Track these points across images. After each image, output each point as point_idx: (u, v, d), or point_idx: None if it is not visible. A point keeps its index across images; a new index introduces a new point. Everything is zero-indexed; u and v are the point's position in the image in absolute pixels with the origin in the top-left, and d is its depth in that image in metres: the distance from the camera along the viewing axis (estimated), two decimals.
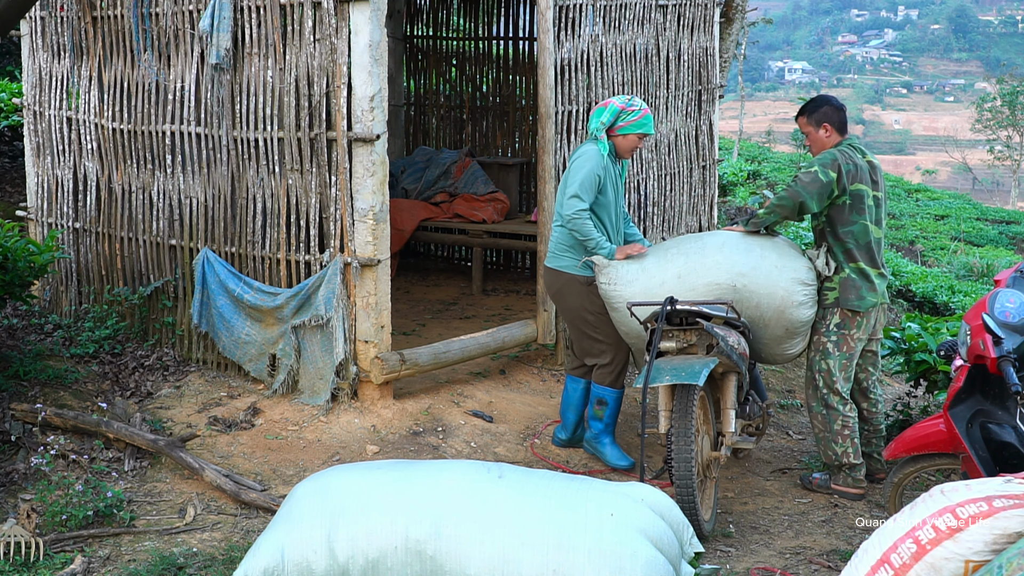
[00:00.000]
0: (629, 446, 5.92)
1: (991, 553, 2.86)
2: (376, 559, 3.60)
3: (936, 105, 79.83)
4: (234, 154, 6.12)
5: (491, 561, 3.54)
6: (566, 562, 3.51)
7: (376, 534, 3.63)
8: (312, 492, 3.86)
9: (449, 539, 3.58)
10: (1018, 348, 3.99)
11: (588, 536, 3.57)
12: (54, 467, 5.08)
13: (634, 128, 5.34)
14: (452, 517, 3.62)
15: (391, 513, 3.67)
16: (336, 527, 3.68)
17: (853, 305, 5.09)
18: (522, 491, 3.73)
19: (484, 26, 10.02)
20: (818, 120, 5.23)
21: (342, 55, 5.64)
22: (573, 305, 5.46)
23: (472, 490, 3.71)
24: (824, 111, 5.22)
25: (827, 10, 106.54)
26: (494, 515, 3.62)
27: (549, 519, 3.62)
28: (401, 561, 3.59)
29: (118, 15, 6.52)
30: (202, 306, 6.25)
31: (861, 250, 5.13)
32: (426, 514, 3.64)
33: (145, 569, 4.25)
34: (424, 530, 3.61)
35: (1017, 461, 3.89)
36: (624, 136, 5.36)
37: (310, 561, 3.66)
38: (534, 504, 3.67)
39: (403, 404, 5.95)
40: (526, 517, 3.62)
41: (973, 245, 18.62)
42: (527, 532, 3.57)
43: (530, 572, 3.52)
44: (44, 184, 7.16)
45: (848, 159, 5.08)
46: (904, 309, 10.20)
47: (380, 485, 3.80)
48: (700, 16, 8.29)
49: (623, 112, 5.31)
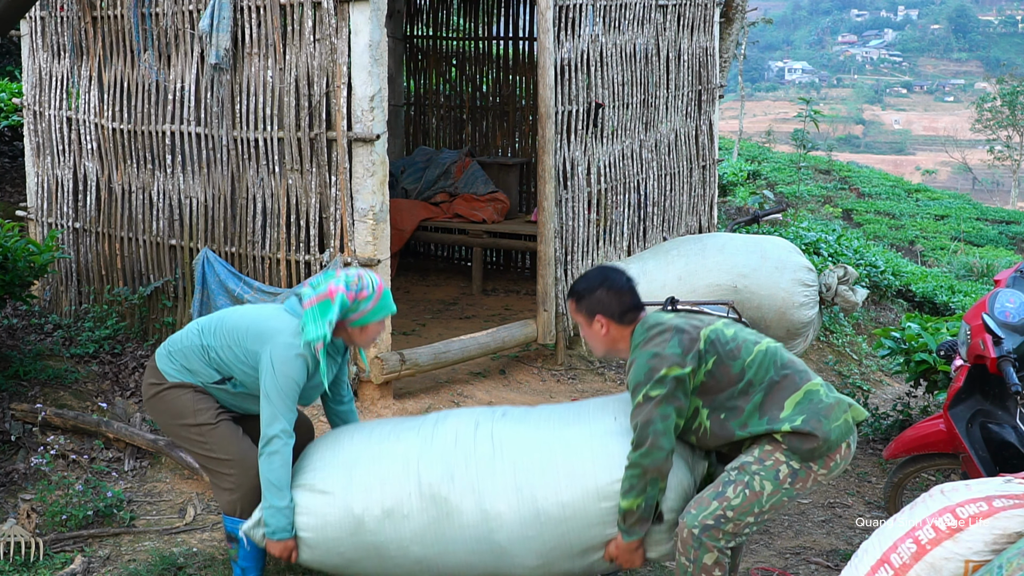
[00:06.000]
0: None
1: (991, 553, 2.86)
2: (391, 507, 3.58)
3: (936, 105, 79.83)
4: (234, 154, 6.12)
5: (505, 491, 3.53)
6: (577, 474, 3.50)
7: (390, 483, 3.61)
8: (322, 447, 3.82)
9: (462, 479, 3.57)
10: (1018, 348, 3.99)
11: (594, 444, 3.56)
12: (54, 467, 5.08)
13: (375, 315, 3.81)
14: (462, 457, 3.61)
15: (402, 461, 3.64)
16: (350, 479, 3.65)
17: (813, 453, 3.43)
18: (525, 422, 3.72)
19: (484, 26, 10.02)
20: (592, 312, 3.64)
21: (342, 55, 5.64)
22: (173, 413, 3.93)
23: (478, 430, 3.69)
24: (597, 301, 3.62)
25: (827, 10, 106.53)
26: (502, 448, 3.61)
27: (554, 438, 3.61)
28: (417, 507, 3.57)
29: (118, 15, 6.52)
30: (202, 306, 6.24)
31: (779, 382, 3.49)
32: (437, 458, 3.62)
33: (145, 569, 4.25)
34: (437, 473, 3.58)
35: (1017, 461, 3.89)
36: (363, 328, 3.82)
37: (325, 513, 3.63)
38: (539, 430, 3.67)
39: (403, 404, 5.95)
40: (532, 443, 3.61)
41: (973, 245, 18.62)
42: (535, 455, 3.57)
43: (543, 492, 3.51)
44: (44, 184, 7.15)
45: (660, 335, 3.47)
46: (904, 309, 10.20)
47: (389, 437, 3.78)
48: (700, 16, 8.29)
49: (356, 301, 3.77)
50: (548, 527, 3.51)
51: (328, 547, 3.65)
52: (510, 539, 3.53)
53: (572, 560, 3.58)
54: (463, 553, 3.58)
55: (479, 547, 3.56)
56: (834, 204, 21.35)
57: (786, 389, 3.47)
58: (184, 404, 3.83)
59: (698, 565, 3.41)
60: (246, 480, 3.82)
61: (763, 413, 3.45)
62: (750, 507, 3.41)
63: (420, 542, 3.58)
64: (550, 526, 3.50)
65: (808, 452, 3.40)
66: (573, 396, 6.57)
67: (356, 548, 3.63)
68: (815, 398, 3.46)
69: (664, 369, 3.38)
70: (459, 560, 3.60)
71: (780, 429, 3.41)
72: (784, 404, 3.44)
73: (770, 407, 3.45)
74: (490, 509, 3.53)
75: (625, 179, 7.49)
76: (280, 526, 3.63)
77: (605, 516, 3.48)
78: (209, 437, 3.83)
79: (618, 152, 7.35)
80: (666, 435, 3.35)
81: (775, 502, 3.44)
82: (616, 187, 7.39)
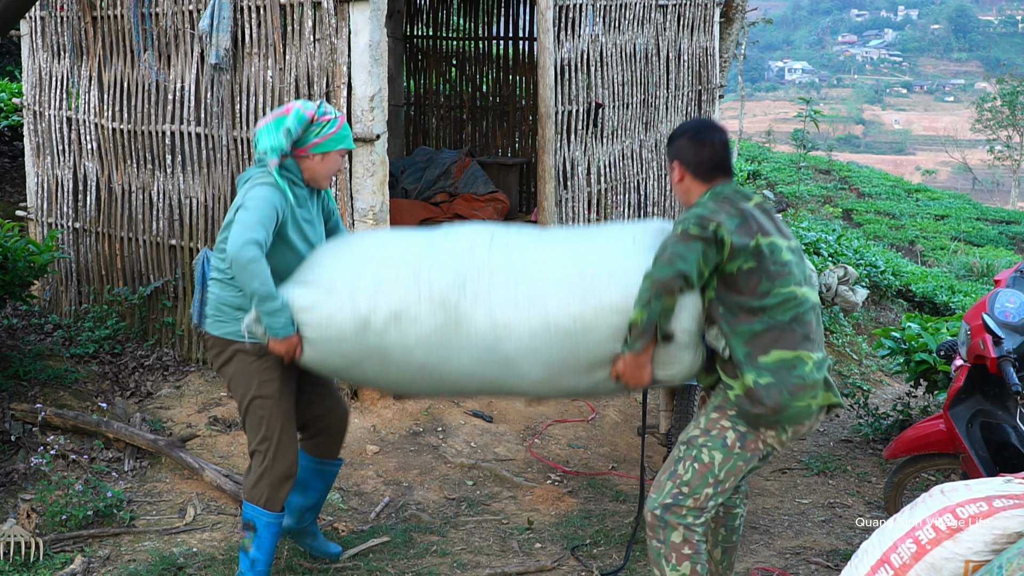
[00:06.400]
0: (631, 445, 5.92)
1: (991, 553, 2.86)
2: (399, 310, 3.50)
3: (936, 105, 79.85)
4: (234, 154, 6.12)
5: (516, 301, 3.46)
6: (590, 287, 3.45)
7: (398, 285, 3.53)
8: (330, 249, 3.75)
9: (472, 287, 3.49)
10: (1018, 348, 3.99)
11: (610, 260, 3.50)
12: (54, 467, 5.08)
13: (336, 142, 3.81)
14: (475, 266, 3.54)
15: (413, 265, 3.56)
16: (358, 278, 3.57)
17: (768, 421, 3.35)
18: (541, 238, 3.67)
19: (484, 26, 10.02)
20: (672, 156, 3.59)
21: (342, 55, 5.64)
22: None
23: (493, 241, 3.63)
24: (677, 146, 3.56)
25: (827, 10, 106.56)
26: (516, 259, 3.55)
27: (569, 254, 3.56)
28: (425, 311, 3.48)
29: (118, 15, 6.52)
30: (202, 306, 6.23)
31: (785, 330, 3.37)
32: (448, 265, 3.54)
33: (145, 569, 4.25)
34: (447, 280, 3.50)
35: (1017, 461, 3.89)
36: (325, 156, 3.80)
37: (331, 311, 3.55)
38: (554, 246, 3.62)
39: (403, 404, 5.95)
40: (546, 256, 3.56)
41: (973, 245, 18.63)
42: (550, 268, 3.51)
43: (555, 304, 3.45)
44: (44, 184, 7.15)
45: (731, 207, 3.40)
46: (904, 309, 10.20)
47: (399, 242, 3.73)
48: (700, 16, 8.29)
49: (315, 123, 3.78)
50: (557, 339, 3.44)
51: (331, 346, 3.57)
52: (517, 349, 3.46)
53: (578, 376, 3.51)
54: (468, 361, 3.51)
55: (485, 356, 3.49)
56: (834, 204, 21.37)
57: (785, 341, 3.34)
58: (250, 374, 3.79)
59: (667, 545, 3.39)
60: (278, 467, 3.80)
61: (750, 344, 3.34)
62: (704, 479, 3.38)
63: (425, 347, 3.50)
64: (559, 338, 3.43)
65: (754, 417, 3.33)
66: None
67: (359, 349, 3.54)
68: (799, 370, 3.34)
69: (713, 223, 3.29)
70: (463, 368, 3.53)
71: (744, 377, 3.32)
72: (771, 352, 3.33)
73: (759, 345, 3.33)
74: (500, 318, 3.45)
75: (625, 179, 7.49)
76: (280, 324, 3.53)
77: (616, 331, 3.41)
78: (268, 411, 3.79)
79: (618, 152, 7.35)
80: (684, 261, 3.24)
81: (729, 468, 3.39)
82: (616, 187, 7.39)
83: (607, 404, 6.57)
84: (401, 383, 3.68)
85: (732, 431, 3.39)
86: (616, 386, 3.53)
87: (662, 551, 3.40)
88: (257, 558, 3.86)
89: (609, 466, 5.71)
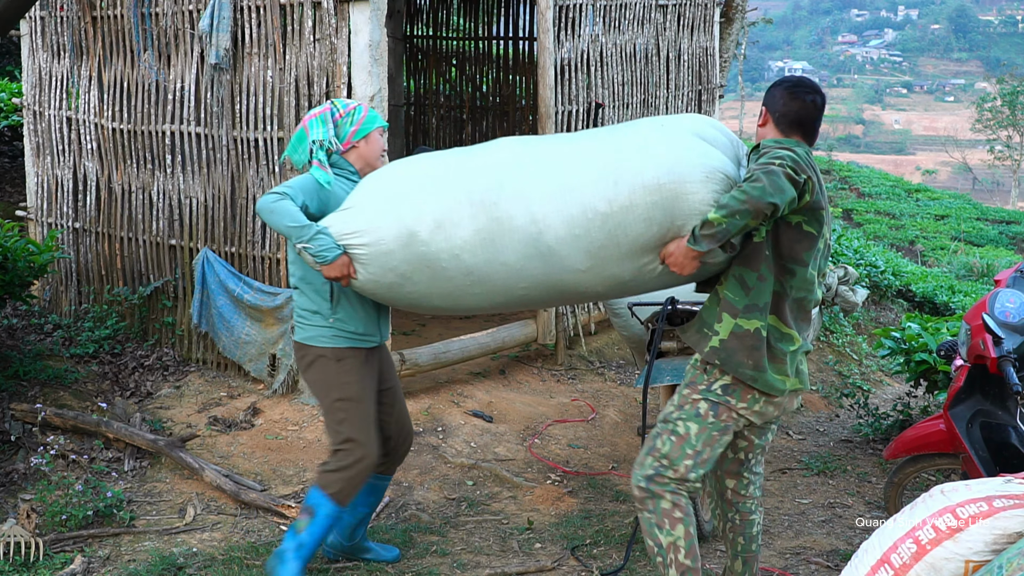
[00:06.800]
0: (631, 445, 5.91)
1: (991, 553, 2.86)
2: (442, 218, 3.61)
3: (936, 105, 79.86)
4: (234, 154, 6.12)
5: (552, 193, 3.55)
6: (624, 171, 3.51)
7: (439, 194, 3.65)
8: (371, 178, 3.87)
9: (511, 186, 3.60)
10: (1018, 348, 3.99)
11: (641, 143, 3.58)
12: (54, 467, 5.08)
13: (370, 123, 4.05)
14: (510, 167, 3.65)
15: (453, 176, 3.70)
16: (401, 196, 3.69)
17: (744, 375, 3.45)
18: (574, 137, 3.78)
19: (484, 26, 10.02)
20: (764, 102, 3.66)
21: (342, 55, 5.64)
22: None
23: (524, 145, 3.76)
24: (771, 93, 3.62)
25: (827, 10, 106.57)
26: (549, 157, 3.66)
27: (602, 146, 3.65)
28: (467, 215, 3.60)
29: (118, 15, 6.52)
30: (202, 306, 6.25)
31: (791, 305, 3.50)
32: (485, 170, 3.67)
33: (145, 569, 4.25)
34: (485, 182, 3.63)
35: (1017, 461, 3.89)
36: (367, 138, 4.04)
37: (378, 228, 3.66)
38: (587, 140, 3.72)
39: None
40: (580, 151, 3.65)
41: (973, 245, 18.63)
42: (583, 160, 3.60)
43: (590, 190, 3.53)
44: (44, 184, 7.15)
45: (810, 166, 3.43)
46: (904, 309, 10.20)
47: (435, 160, 3.84)
48: (700, 16, 8.29)
49: (343, 118, 4.02)
50: (595, 223, 3.51)
51: (382, 262, 3.67)
52: (558, 239, 3.55)
53: (621, 262, 3.58)
54: (514, 258, 3.61)
55: (528, 251, 3.59)
56: (834, 204, 21.37)
57: (787, 313, 3.45)
58: (330, 377, 3.93)
59: (658, 513, 3.45)
60: (356, 467, 3.90)
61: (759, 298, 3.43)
62: (681, 450, 3.46)
63: (471, 250, 3.61)
64: (597, 222, 3.51)
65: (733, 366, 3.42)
66: (573, 396, 6.57)
67: (409, 261, 3.66)
68: (784, 344, 3.45)
69: (804, 175, 3.31)
70: (510, 267, 3.63)
71: (738, 319, 3.42)
72: (770, 317, 3.43)
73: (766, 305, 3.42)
74: (537, 211, 3.55)
75: None
76: (324, 248, 3.65)
77: (651, 211, 3.46)
78: (349, 412, 3.92)
79: None
80: (781, 194, 3.22)
81: (705, 439, 3.47)
82: None
83: (607, 404, 6.57)
84: (454, 295, 3.74)
85: (704, 402, 3.48)
86: (662, 272, 3.59)
87: (653, 520, 3.47)
88: (305, 542, 3.92)
89: (609, 466, 5.71)
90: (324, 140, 3.96)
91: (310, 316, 3.95)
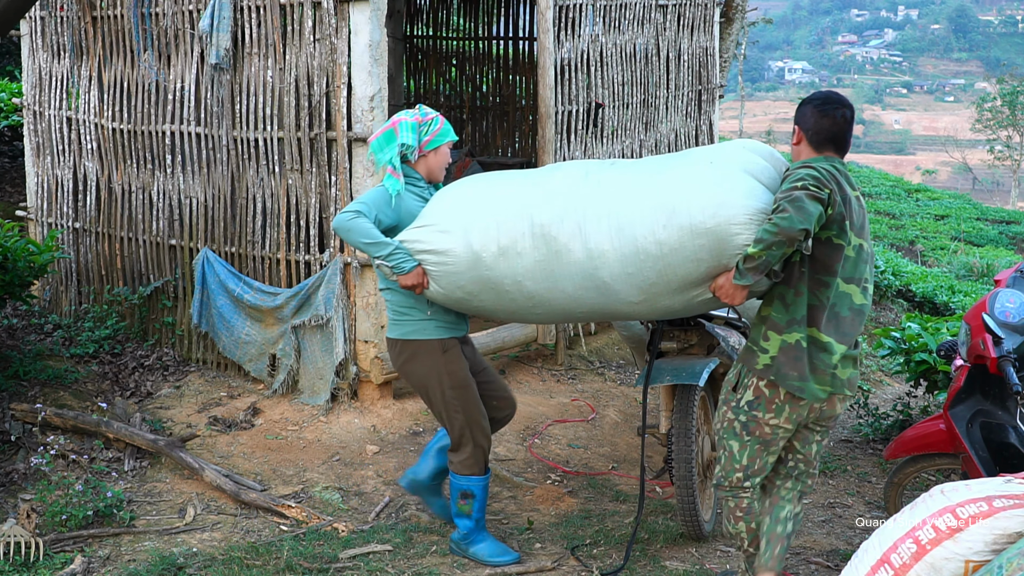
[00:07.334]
0: (631, 445, 5.91)
1: (991, 553, 2.86)
2: (507, 245, 3.92)
3: (936, 105, 79.85)
4: (234, 154, 6.12)
5: (608, 231, 3.82)
6: (674, 214, 3.73)
7: (505, 223, 3.94)
8: (444, 196, 4.16)
9: (571, 221, 3.87)
10: (1018, 348, 3.99)
11: (689, 187, 3.77)
12: (54, 467, 5.08)
13: (442, 137, 4.29)
14: (571, 201, 3.91)
15: (518, 204, 3.97)
16: (470, 220, 3.98)
17: (792, 386, 3.66)
18: (628, 170, 4.03)
19: (484, 26, 10.02)
20: (795, 120, 3.84)
21: (342, 55, 5.64)
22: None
23: (588, 178, 4.00)
24: (801, 112, 3.79)
25: (827, 10, 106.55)
26: (607, 192, 3.90)
27: (653, 182, 3.88)
28: (529, 246, 3.90)
29: (118, 15, 6.52)
30: (202, 306, 6.25)
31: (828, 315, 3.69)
32: (548, 202, 3.93)
33: (145, 569, 4.25)
34: (547, 215, 3.90)
35: (1017, 461, 3.88)
36: (437, 150, 4.29)
37: (447, 249, 3.97)
38: (640, 175, 3.96)
39: (403, 404, 5.95)
40: (633, 187, 3.90)
41: (973, 245, 18.61)
42: (636, 198, 3.85)
43: (642, 231, 3.78)
44: (44, 184, 7.15)
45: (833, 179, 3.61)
46: (904, 309, 10.20)
47: (505, 184, 4.14)
48: (700, 16, 8.29)
49: (422, 125, 4.25)
50: (647, 264, 3.79)
51: (450, 280, 4.00)
52: (612, 276, 3.84)
53: (672, 296, 3.86)
54: (572, 289, 3.91)
55: (585, 283, 3.89)
56: None
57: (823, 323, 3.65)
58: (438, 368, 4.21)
59: (726, 510, 3.91)
60: (480, 444, 4.29)
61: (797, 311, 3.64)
62: (732, 464, 3.84)
63: (532, 278, 3.93)
64: (648, 263, 3.78)
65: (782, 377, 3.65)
66: (573, 397, 6.57)
67: (475, 282, 3.98)
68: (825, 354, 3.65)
69: (827, 189, 3.50)
70: (568, 295, 3.94)
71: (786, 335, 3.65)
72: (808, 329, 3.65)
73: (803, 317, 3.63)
74: (594, 248, 3.83)
75: None
76: (401, 260, 4.00)
77: (699, 253, 3.71)
78: (462, 400, 4.23)
79: (618, 152, 7.35)
80: (809, 218, 3.42)
81: (749, 453, 3.80)
82: None
83: (607, 404, 6.57)
84: (519, 312, 4.11)
85: (736, 421, 3.79)
86: (712, 301, 3.88)
87: (725, 512, 3.93)
88: (479, 517, 4.39)
89: (609, 466, 5.71)
90: (410, 146, 4.20)
91: (407, 311, 4.20)
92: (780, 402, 3.68)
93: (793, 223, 3.39)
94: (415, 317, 4.19)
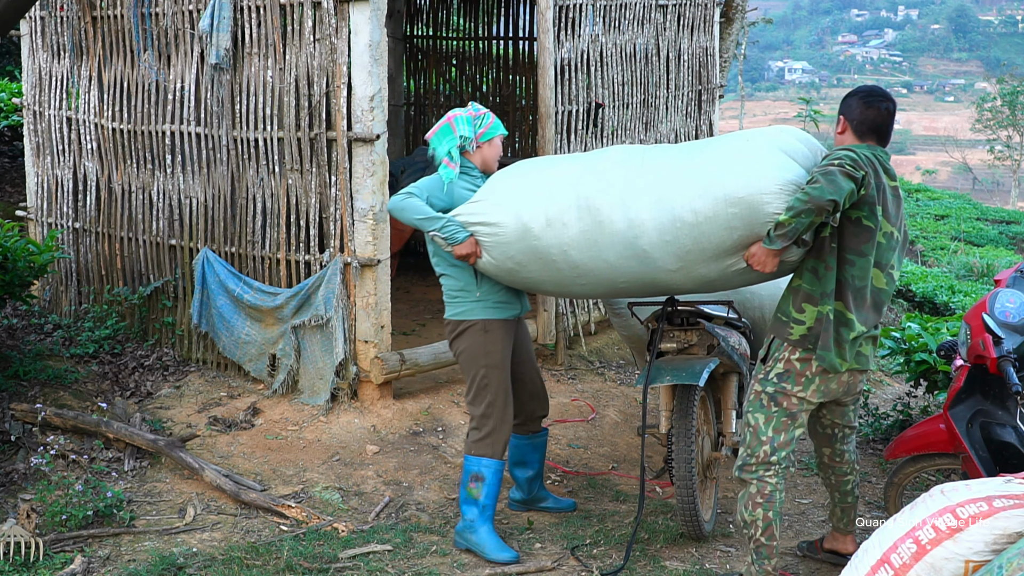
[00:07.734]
0: (631, 445, 5.91)
1: (991, 553, 2.86)
2: (553, 217, 4.18)
3: (936, 105, 79.83)
4: (234, 154, 6.12)
5: (648, 202, 4.05)
6: (709, 185, 3.95)
7: (553, 197, 4.21)
8: (500, 174, 4.49)
9: (614, 193, 4.12)
10: (1018, 348, 3.99)
11: (727, 161, 4.00)
12: (54, 467, 5.08)
13: (494, 130, 4.61)
14: (615, 175, 4.17)
15: (565, 180, 4.26)
16: (520, 194, 4.28)
17: (820, 356, 3.91)
18: (671, 150, 4.30)
19: (484, 26, 10.02)
20: (840, 111, 4.07)
21: (342, 55, 5.64)
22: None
23: (631, 156, 4.27)
24: (847, 103, 4.02)
25: (827, 10, 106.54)
26: (649, 167, 4.16)
27: (692, 157, 4.13)
28: (575, 217, 4.15)
29: (118, 15, 6.52)
30: (202, 306, 6.25)
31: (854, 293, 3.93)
32: (594, 177, 4.21)
33: (145, 569, 4.25)
34: (592, 188, 4.17)
35: (1017, 461, 3.88)
36: (490, 142, 4.60)
37: (499, 220, 4.26)
38: (681, 153, 4.21)
39: (403, 404, 5.95)
40: (674, 161, 4.15)
41: (973, 245, 18.60)
42: (675, 171, 4.09)
43: (680, 204, 3.99)
44: (44, 184, 7.16)
45: (871, 164, 3.86)
46: (904, 309, 10.20)
47: (556, 163, 4.45)
48: (700, 16, 8.29)
49: (476, 119, 4.57)
50: (683, 231, 4.01)
51: (501, 251, 4.29)
52: (651, 244, 4.07)
53: (707, 264, 4.07)
54: (614, 258, 4.16)
55: (626, 252, 4.13)
56: None
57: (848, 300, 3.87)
58: (479, 345, 4.49)
59: (744, 497, 3.99)
60: (502, 427, 4.49)
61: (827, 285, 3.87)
62: (757, 438, 3.99)
63: (577, 248, 4.18)
64: (684, 230, 4.00)
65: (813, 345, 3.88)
66: (573, 397, 6.57)
67: (524, 252, 4.26)
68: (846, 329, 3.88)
69: (862, 171, 3.73)
70: (611, 265, 4.18)
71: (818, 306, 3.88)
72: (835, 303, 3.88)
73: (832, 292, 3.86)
74: (635, 218, 4.07)
75: None
76: (454, 232, 4.32)
77: (732, 221, 3.92)
78: (491, 378, 4.49)
79: None
80: (840, 191, 3.63)
81: (775, 425, 3.97)
82: None
83: (607, 404, 6.57)
84: (565, 283, 4.35)
85: (764, 393, 3.99)
86: (746, 272, 4.05)
87: (743, 499, 4.01)
88: (486, 504, 4.50)
89: (609, 466, 5.71)
90: (468, 137, 4.53)
91: (459, 294, 4.51)
92: (811, 375, 3.92)
93: (823, 193, 3.61)
94: (465, 299, 4.49)
